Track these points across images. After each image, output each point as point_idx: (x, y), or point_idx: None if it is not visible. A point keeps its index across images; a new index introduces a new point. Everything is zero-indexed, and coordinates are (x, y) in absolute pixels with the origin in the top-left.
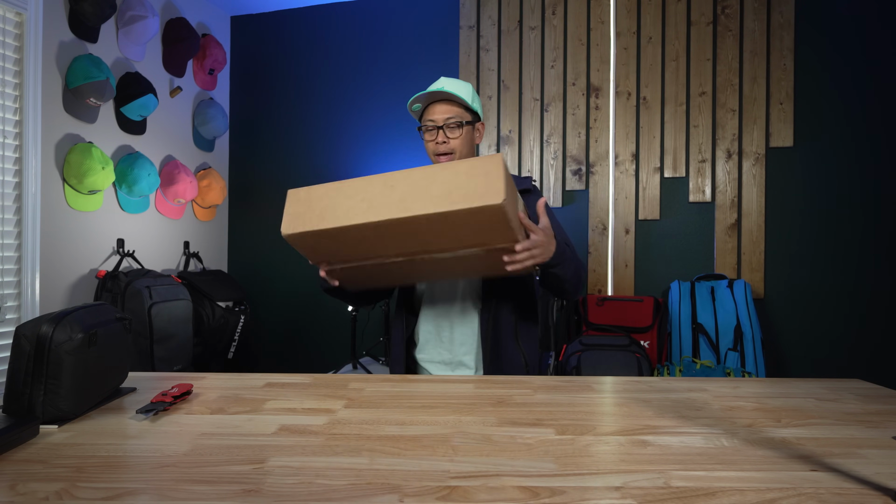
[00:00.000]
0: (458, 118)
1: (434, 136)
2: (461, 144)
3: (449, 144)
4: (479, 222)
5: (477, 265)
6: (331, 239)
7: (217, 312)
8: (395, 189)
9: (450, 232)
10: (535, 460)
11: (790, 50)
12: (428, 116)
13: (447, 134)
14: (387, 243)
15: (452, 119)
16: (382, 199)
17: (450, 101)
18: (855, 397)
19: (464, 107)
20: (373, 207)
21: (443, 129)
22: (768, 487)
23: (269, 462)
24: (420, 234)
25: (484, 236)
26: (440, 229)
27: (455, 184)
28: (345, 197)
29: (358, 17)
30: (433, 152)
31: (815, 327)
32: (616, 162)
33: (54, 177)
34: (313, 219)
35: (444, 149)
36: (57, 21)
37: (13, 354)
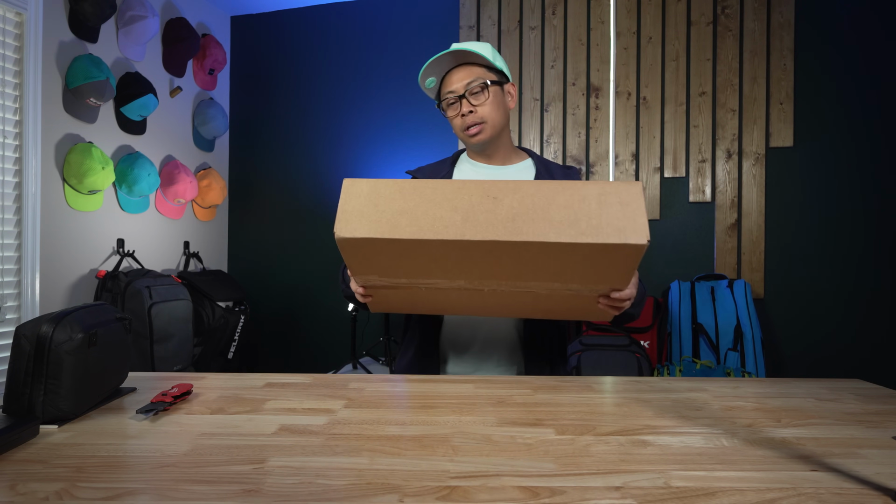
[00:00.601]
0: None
1: (457, 110)
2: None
3: (476, 113)
4: (601, 261)
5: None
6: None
7: (217, 312)
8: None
9: (556, 265)
10: (535, 460)
11: (790, 50)
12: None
13: (471, 101)
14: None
15: (474, 83)
16: (484, 213)
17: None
18: (855, 397)
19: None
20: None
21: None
22: (768, 487)
23: (269, 462)
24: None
25: (593, 276)
26: (547, 261)
27: (583, 210)
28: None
29: (358, 17)
30: (461, 128)
31: (815, 327)
32: (616, 162)
33: (54, 177)
34: (383, 223)
35: (472, 119)
36: (57, 21)
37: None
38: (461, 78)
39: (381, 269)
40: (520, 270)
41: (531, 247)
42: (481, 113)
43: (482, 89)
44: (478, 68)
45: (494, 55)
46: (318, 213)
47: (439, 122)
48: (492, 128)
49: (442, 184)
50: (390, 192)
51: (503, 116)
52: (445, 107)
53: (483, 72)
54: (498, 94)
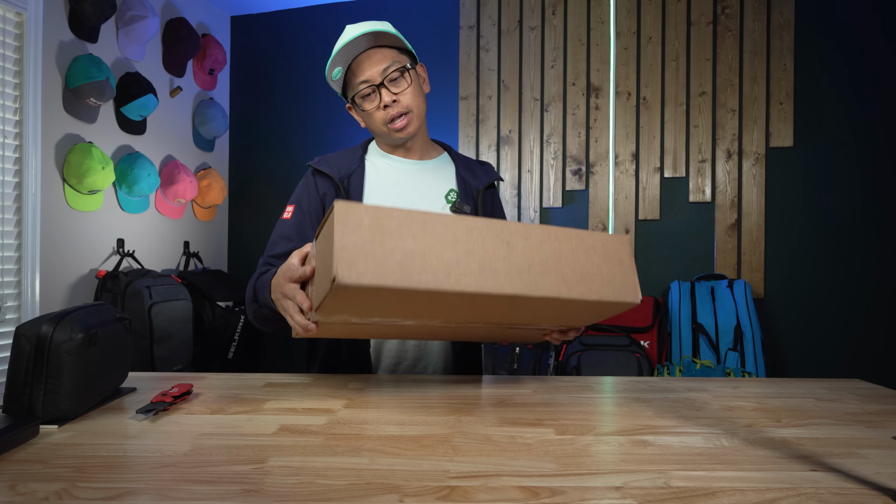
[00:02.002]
0: (399, 64)
1: (375, 101)
2: (414, 98)
3: (400, 103)
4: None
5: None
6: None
7: (217, 312)
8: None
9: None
10: (535, 460)
11: (790, 50)
12: (357, 78)
13: (392, 90)
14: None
15: (391, 67)
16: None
17: (377, 48)
18: (855, 397)
19: (396, 48)
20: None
21: (384, 86)
22: (768, 487)
23: (269, 462)
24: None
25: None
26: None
27: (589, 265)
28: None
29: (358, 18)
30: (383, 122)
31: (815, 327)
32: (616, 162)
33: (54, 177)
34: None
35: (396, 111)
36: (57, 21)
37: (13, 354)
38: (375, 63)
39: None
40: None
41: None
42: (405, 102)
43: (402, 74)
44: (389, 51)
45: (403, 36)
46: None
47: (441, 121)
48: (418, 117)
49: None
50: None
51: (424, 103)
52: (359, 100)
53: (396, 54)
54: (416, 78)
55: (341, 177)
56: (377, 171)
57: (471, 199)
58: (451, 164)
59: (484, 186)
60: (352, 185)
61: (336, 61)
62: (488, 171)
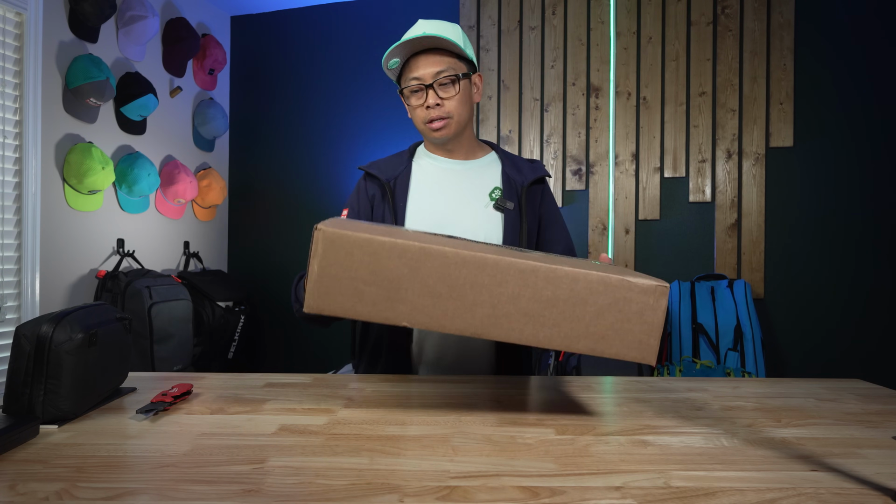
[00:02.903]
0: (452, 71)
1: (422, 99)
2: (459, 106)
3: (444, 107)
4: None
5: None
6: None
7: (217, 312)
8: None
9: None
10: (535, 460)
11: (790, 50)
12: (411, 73)
13: (439, 94)
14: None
15: (444, 73)
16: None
17: (438, 51)
18: (855, 397)
19: (457, 55)
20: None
21: (433, 87)
22: (768, 487)
23: (269, 462)
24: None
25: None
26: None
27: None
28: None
29: (358, 17)
30: (423, 120)
31: (815, 327)
32: (616, 162)
33: (54, 177)
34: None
35: (437, 113)
36: (57, 21)
37: (13, 354)
38: (430, 65)
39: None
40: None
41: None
42: (448, 108)
43: (452, 82)
44: (449, 57)
45: (466, 42)
46: (318, 212)
47: None
48: (457, 124)
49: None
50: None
51: (469, 111)
52: (408, 93)
53: (454, 62)
54: (467, 87)
55: (388, 178)
56: (423, 172)
57: (514, 195)
58: (497, 163)
59: (529, 182)
60: (398, 186)
61: (395, 52)
62: (535, 168)
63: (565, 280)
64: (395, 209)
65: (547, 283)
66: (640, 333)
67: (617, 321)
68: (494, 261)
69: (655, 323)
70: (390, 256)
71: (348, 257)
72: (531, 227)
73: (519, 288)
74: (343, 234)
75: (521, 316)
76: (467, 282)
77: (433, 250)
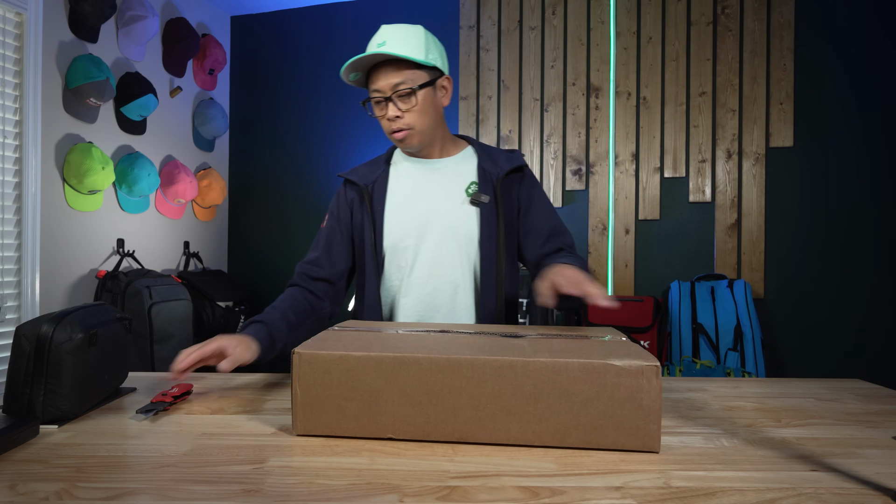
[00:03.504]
0: (410, 83)
1: (384, 111)
2: (419, 117)
3: (403, 119)
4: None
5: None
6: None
7: (217, 312)
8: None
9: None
10: (535, 460)
11: (790, 50)
12: (372, 85)
13: (399, 106)
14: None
15: (402, 85)
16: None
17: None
18: (855, 397)
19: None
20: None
21: (392, 100)
22: (768, 487)
23: (269, 462)
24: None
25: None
26: None
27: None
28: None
29: (358, 17)
30: (386, 130)
31: (816, 327)
32: (616, 162)
33: (54, 177)
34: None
35: (398, 125)
36: (57, 21)
37: (13, 354)
38: (388, 77)
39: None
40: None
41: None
42: (408, 120)
43: (410, 95)
44: (407, 68)
45: (428, 47)
46: (318, 212)
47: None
48: (420, 134)
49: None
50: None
51: (433, 119)
52: (372, 104)
53: (412, 73)
54: (428, 96)
55: (366, 183)
56: (399, 175)
57: (490, 187)
58: (473, 158)
59: (504, 172)
60: (375, 191)
61: (354, 66)
62: (511, 158)
63: (544, 372)
64: (373, 214)
65: (526, 378)
66: (637, 419)
67: (608, 408)
68: (469, 361)
69: (652, 407)
70: (365, 370)
71: (327, 376)
72: (509, 219)
73: (498, 386)
74: (318, 354)
75: (506, 415)
76: (445, 386)
77: (407, 359)
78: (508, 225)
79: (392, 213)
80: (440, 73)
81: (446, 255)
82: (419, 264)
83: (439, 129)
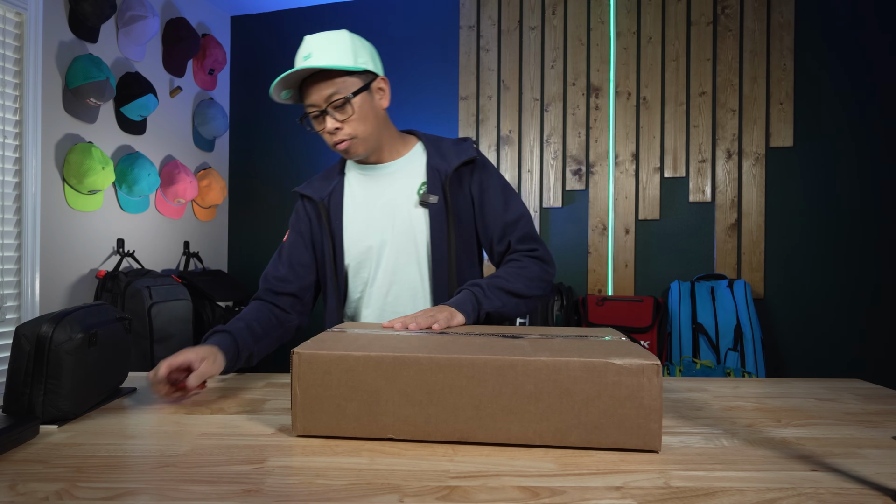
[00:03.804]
0: (343, 93)
1: (322, 124)
2: (358, 124)
3: (343, 130)
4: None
5: None
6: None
7: (217, 312)
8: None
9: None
10: (535, 460)
11: (790, 50)
12: (306, 100)
13: (336, 117)
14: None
15: (336, 95)
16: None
17: (326, 72)
18: (855, 397)
19: (346, 73)
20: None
21: (328, 112)
22: (768, 487)
23: (269, 462)
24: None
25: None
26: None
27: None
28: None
29: (358, 17)
30: (329, 144)
31: (815, 327)
32: (616, 162)
33: (54, 177)
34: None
35: (339, 136)
36: (57, 21)
37: (13, 354)
38: (320, 90)
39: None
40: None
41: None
42: (348, 129)
43: (345, 103)
44: (338, 77)
45: (356, 51)
46: None
47: (441, 121)
48: (363, 142)
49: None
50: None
51: (374, 124)
52: (311, 119)
53: (343, 81)
54: (365, 101)
55: (322, 197)
56: (352, 186)
57: (438, 186)
58: (422, 155)
59: (453, 168)
60: (332, 204)
61: (284, 84)
62: (460, 151)
63: (545, 371)
64: (332, 231)
65: (527, 377)
66: (638, 418)
67: (609, 407)
68: (470, 361)
69: (653, 406)
70: (366, 370)
71: (327, 376)
72: (462, 217)
73: (499, 385)
74: (318, 355)
75: (507, 414)
76: (446, 386)
77: (407, 358)
78: (462, 223)
79: (350, 226)
80: (374, 75)
81: (405, 262)
82: (380, 274)
83: (384, 131)
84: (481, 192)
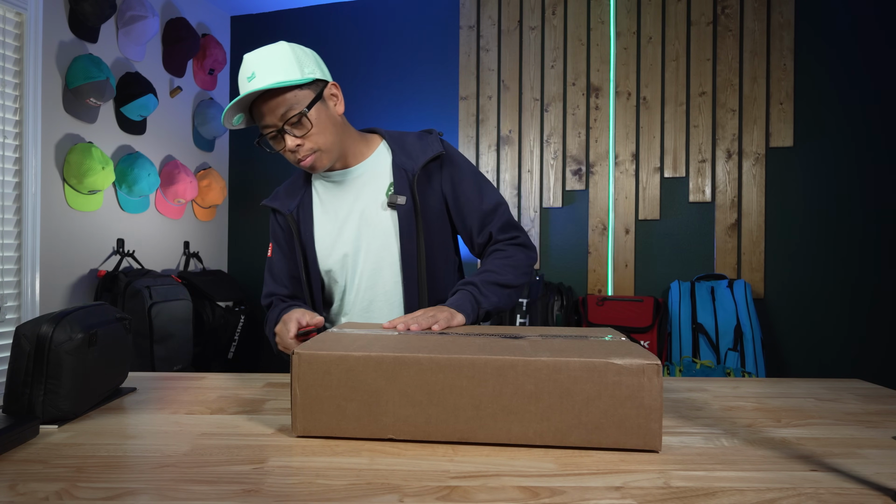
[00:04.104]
0: (297, 107)
1: (281, 143)
2: (319, 136)
3: (304, 146)
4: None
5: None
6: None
7: (217, 312)
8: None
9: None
10: (535, 460)
11: (790, 50)
12: (260, 122)
13: (294, 134)
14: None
15: (290, 112)
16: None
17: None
18: (855, 397)
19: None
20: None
21: (285, 130)
22: (768, 487)
23: (269, 462)
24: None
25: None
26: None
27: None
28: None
29: (358, 17)
30: (293, 162)
31: (816, 327)
32: (616, 162)
33: (54, 177)
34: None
35: (301, 153)
36: (57, 21)
37: (13, 354)
38: (272, 109)
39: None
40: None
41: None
42: (310, 144)
43: (301, 119)
44: (288, 92)
45: (300, 61)
46: None
47: (441, 121)
48: (327, 153)
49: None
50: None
51: (334, 133)
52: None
53: (294, 95)
54: (321, 112)
55: (290, 209)
56: (319, 196)
57: (406, 186)
58: (387, 156)
59: (420, 166)
60: (301, 216)
61: (234, 108)
62: (426, 147)
63: (545, 371)
64: (303, 244)
65: (527, 377)
66: (638, 418)
67: (609, 407)
68: (470, 361)
69: (653, 406)
70: (366, 370)
71: (327, 376)
72: (433, 215)
73: (500, 385)
74: (318, 355)
75: (507, 414)
76: (446, 386)
77: (407, 359)
78: (433, 222)
79: (322, 239)
80: (324, 82)
81: (379, 267)
82: (357, 280)
83: (345, 137)
84: (454, 188)
